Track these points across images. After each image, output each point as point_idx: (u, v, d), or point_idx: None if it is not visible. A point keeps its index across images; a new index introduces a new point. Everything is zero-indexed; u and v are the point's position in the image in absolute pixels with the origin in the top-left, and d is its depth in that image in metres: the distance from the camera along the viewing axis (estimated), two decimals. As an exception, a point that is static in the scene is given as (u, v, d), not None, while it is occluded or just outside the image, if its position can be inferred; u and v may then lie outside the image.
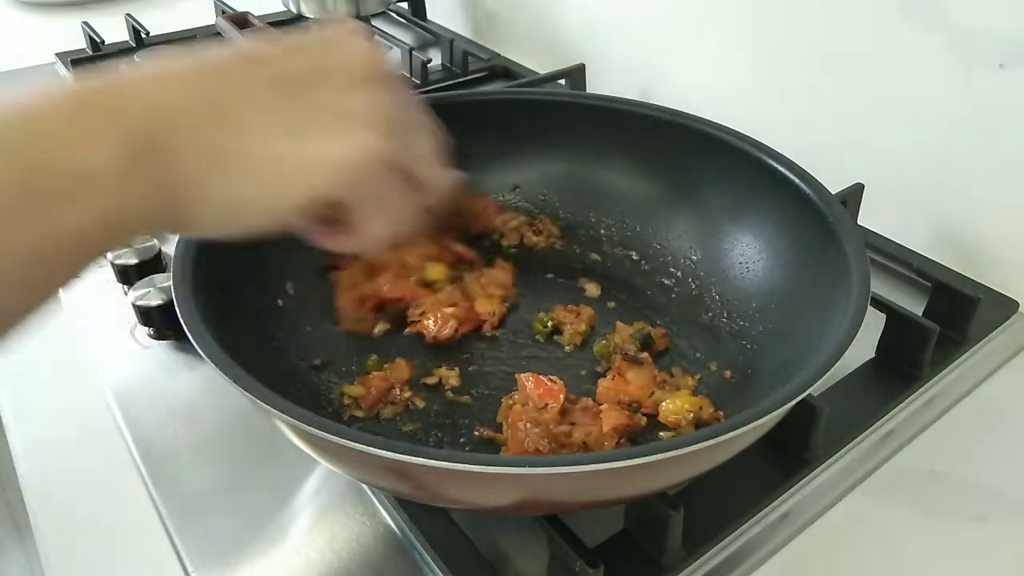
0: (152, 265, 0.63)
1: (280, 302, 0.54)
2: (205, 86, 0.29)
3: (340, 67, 0.32)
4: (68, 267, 0.27)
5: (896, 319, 0.55)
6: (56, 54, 1.06)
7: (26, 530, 1.39)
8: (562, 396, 0.48)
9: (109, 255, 0.63)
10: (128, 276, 0.63)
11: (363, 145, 0.31)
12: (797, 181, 0.52)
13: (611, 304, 0.59)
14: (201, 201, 0.29)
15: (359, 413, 0.50)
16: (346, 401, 0.51)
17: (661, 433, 0.49)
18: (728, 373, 0.53)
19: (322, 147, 0.30)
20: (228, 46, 0.32)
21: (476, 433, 0.49)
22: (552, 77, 0.90)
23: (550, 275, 0.62)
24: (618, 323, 0.56)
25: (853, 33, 0.68)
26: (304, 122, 0.30)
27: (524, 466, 0.35)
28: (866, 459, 0.51)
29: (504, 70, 1.01)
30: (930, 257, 0.66)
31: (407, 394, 0.51)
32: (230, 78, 0.30)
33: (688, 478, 0.42)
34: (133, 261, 0.63)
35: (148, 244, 0.64)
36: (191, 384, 0.56)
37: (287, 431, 0.38)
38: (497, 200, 0.66)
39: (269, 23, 0.84)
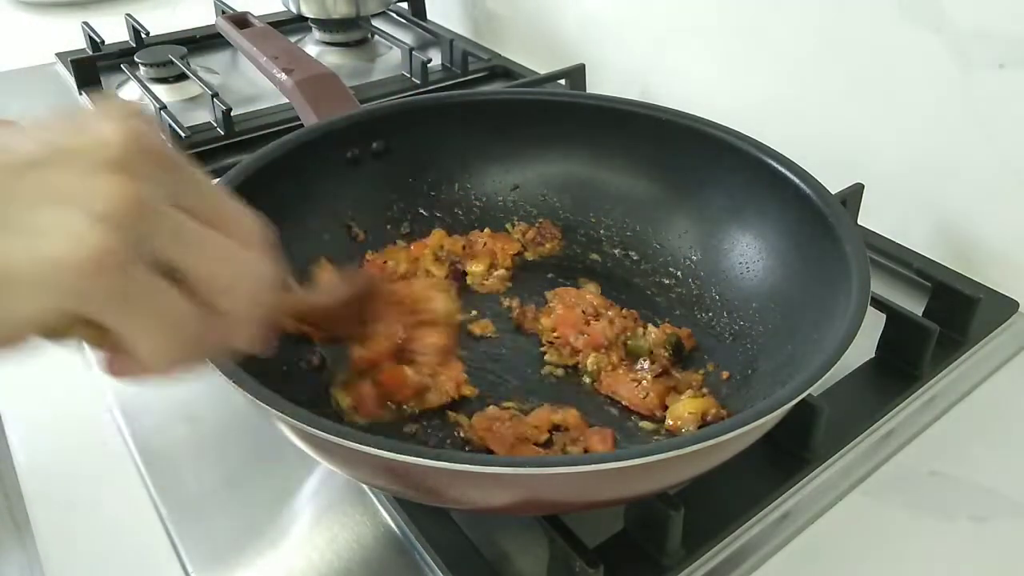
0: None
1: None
2: None
3: (80, 149, 0.25)
4: None
5: (896, 319, 0.55)
6: (56, 54, 1.06)
7: (26, 530, 1.39)
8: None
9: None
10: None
11: (85, 243, 0.23)
12: (797, 181, 0.52)
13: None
14: None
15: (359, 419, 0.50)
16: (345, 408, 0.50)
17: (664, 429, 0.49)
18: (728, 373, 0.53)
19: (36, 247, 0.23)
20: None
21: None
22: (552, 77, 0.90)
23: (550, 275, 0.62)
24: (650, 327, 0.55)
25: (853, 33, 0.68)
26: (19, 216, 0.24)
27: (524, 466, 0.35)
28: (866, 459, 0.51)
29: (504, 70, 1.01)
30: (930, 257, 0.66)
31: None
32: None
33: (688, 478, 0.42)
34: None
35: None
36: (191, 384, 0.56)
37: (287, 431, 0.38)
38: (497, 201, 0.66)
39: (269, 23, 0.83)
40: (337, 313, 0.45)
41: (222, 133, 0.85)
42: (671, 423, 0.49)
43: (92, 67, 0.97)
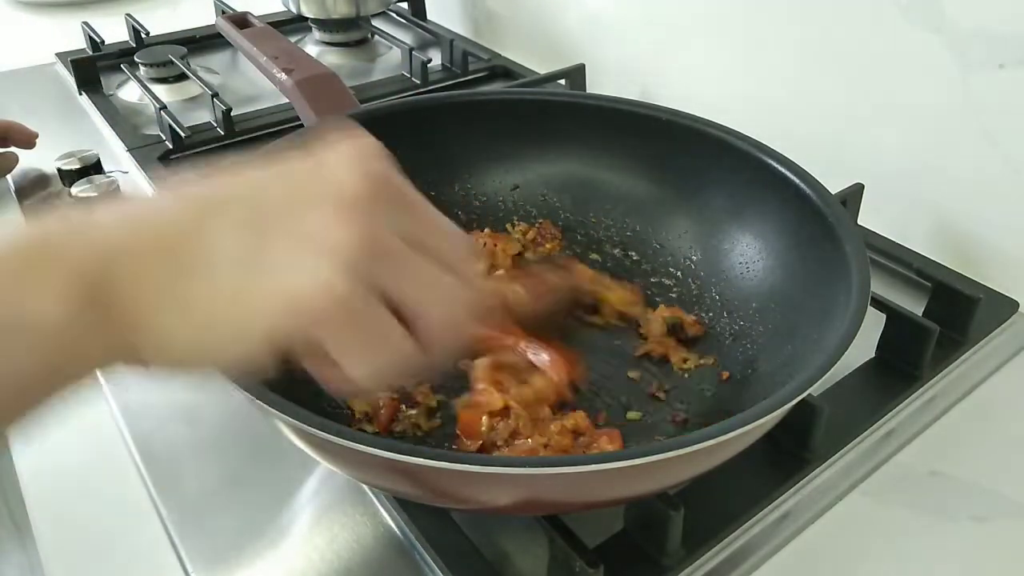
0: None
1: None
2: (159, 225, 0.28)
3: (321, 194, 0.29)
4: (11, 410, 0.28)
5: (896, 319, 0.55)
6: (56, 54, 1.06)
7: (26, 530, 1.39)
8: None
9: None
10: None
11: (320, 281, 0.27)
12: (797, 181, 0.52)
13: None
14: (154, 343, 0.28)
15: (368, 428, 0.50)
16: (356, 415, 0.50)
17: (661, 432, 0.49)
18: (728, 373, 0.53)
19: (276, 282, 0.28)
20: (210, 178, 0.30)
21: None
22: (552, 77, 0.90)
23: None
24: (662, 306, 0.57)
25: (853, 33, 0.68)
26: (264, 256, 0.28)
27: (524, 466, 0.35)
28: (866, 459, 0.51)
29: (504, 70, 1.01)
30: (930, 257, 0.66)
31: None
32: (198, 218, 0.28)
33: (688, 478, 0.42)
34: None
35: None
36: (191, 384, 0.56)
37: (287, 431, 0.38)
38: (497, 201, 0.66)
39: (269, 23, 0.83)
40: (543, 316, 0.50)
41: (222, 133, 0.85)
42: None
43: (92, 67, 0.97)
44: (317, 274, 0.27)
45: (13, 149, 0.79)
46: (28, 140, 0.80)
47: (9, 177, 0.79)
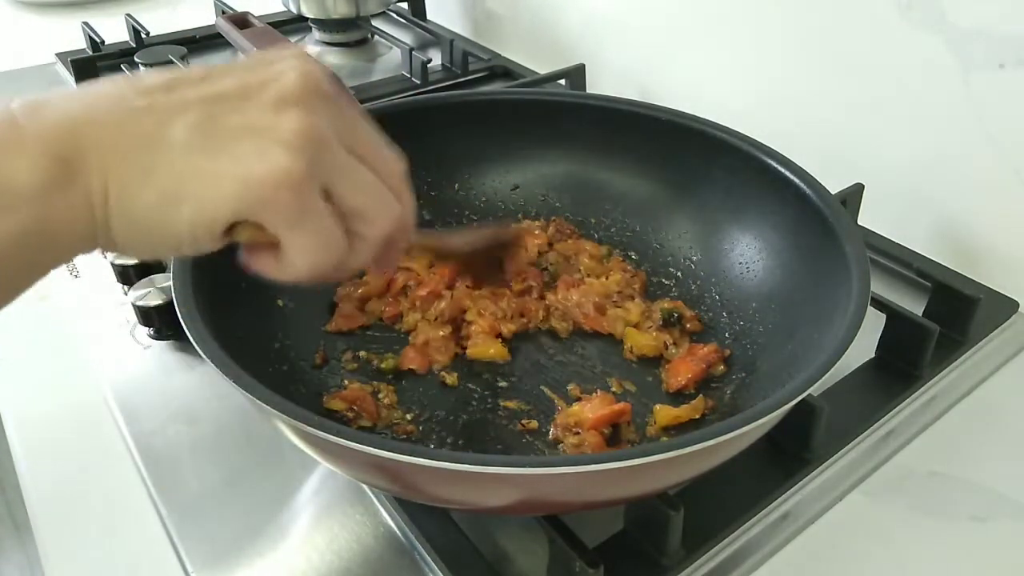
0: (152, 265, 0.63)
1: (280, 302, 0.54)
2: (128, 107, 0.29)
3: (270, 86, 0.31)
4: None
5: (896, 319, 0.55)
6: (56, 54, 1.06)
7: (26, 530, 1.39)
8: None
9: (110, 256, 0.63)
10: (128, 276, 0.63)
11: (275, 164, 0.29)
12: (797, 181, 0.52)
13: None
14: (120, 219, 0.29)
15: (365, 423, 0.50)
16: (349, 415, 0.50)
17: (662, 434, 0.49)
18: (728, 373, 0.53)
19: (233, 165, 0.29)
20: (163, 71, 0.32)
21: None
22: (552, 77, 0.90)
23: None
24: (667, 302, 0.58)
25: (853, 33, 0.68)
26: (222, 140, 0.29)
27: (524, 466, 0.35)
28: (866, 459, 0.51)
29: (504, 70, 1.01)
30: (930, 257, 0.66)
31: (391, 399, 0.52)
32: (154, 97, 0.30)
33: (688, 478, 0.42)
34: (133, 261, 0.63)
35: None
36: (191, 384, 0.56)
37: (287, 431, 0.38)
38: (497, 201, 0.66)
39: (269, 23, 0.83)
40: (473, 259, 0.52)
41: (222, 133, 0.84)
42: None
43: (92, 67, 0.97)
44: (274, 159, 0.29)
45: None
46: None
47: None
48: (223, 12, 1.05)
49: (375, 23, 1.10)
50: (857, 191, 0.65)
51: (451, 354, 0.55)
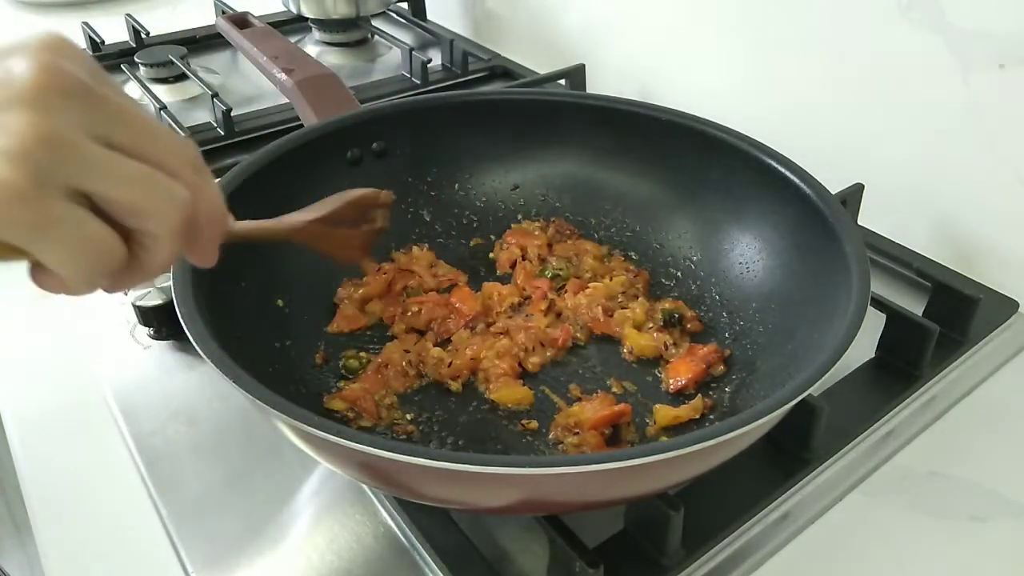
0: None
1: (280, 302, 0.54)
2: None
3: None
4: None
5: (896, 319, 0.55)
6: (56, 54, 1.06)
7: (26, 530, 1.39)
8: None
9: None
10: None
11: None
12: (797, 181, 0.52)
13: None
14: None
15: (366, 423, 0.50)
16: (350, 415, 0.50)
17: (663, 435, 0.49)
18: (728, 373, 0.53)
19: None
20: None
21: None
22: (552, 77, 0.90)
23: (550, 275, 0.62)
24: (668, 303, 0.58)
25: (853, 33, 0.68)
26: None
27: (524, 466, 0.35)
28: (866, 459, 0.51)
29: (504, 70, 1.01)
30: (930, 257, 0.66)
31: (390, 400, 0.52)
32: None
33: (688, 478, 0.42)
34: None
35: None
36: (191, 384, 0.56)
37: (287, 431, 0.38)
38: (498, 202, 0.66)
39: (269, 23, 0.83)
40: (326, 234, 0.47)
41: (222, 133, 0.85)
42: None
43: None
44: None
45: None
46: None
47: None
48: (223, 12, 1.05)
49: (375, 23, 1.10)
50: (857, 191, 0.65)
51: (409, 383, 0.53)
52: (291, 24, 1.11)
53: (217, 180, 0.51)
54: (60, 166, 0.27)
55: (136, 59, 0.96)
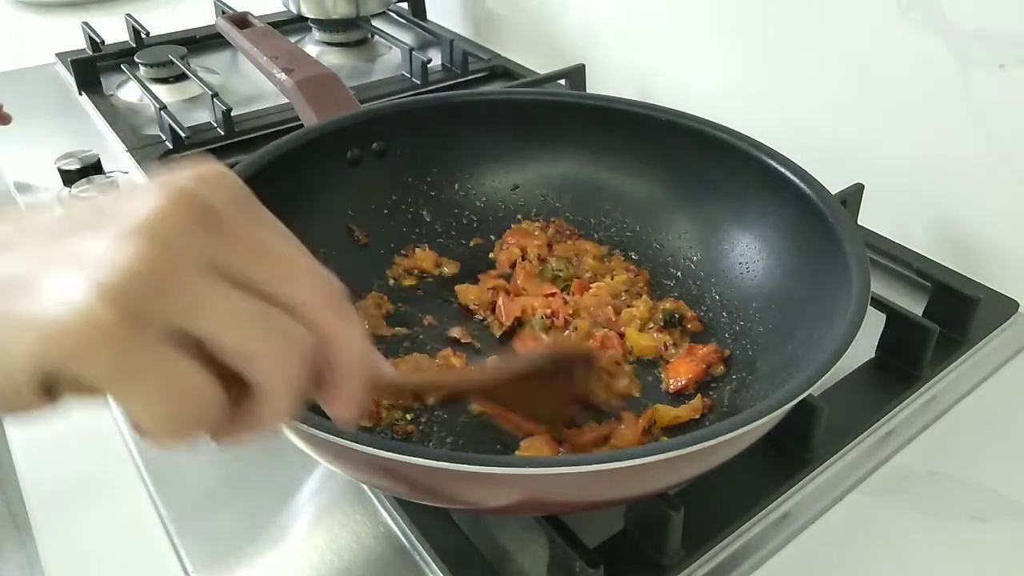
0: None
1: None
2: None
3: (124, 210, 0.24)
4: None
5: (896, 319, 0.55)
6: (56, 54, 1.06)
7: (26, 530, 1.38)
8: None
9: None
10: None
11: (77, 310, 0.22)
12: (797, 181, 0.52)
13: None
14: None
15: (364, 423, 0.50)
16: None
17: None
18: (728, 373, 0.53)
19: (33, 308, 0.23)
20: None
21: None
22: (552, 77, 0.90)
23: (550, 275, 0.62)
24: (669, 302, 0.58)
25: (853, 33, 0.68)
26: (35, 276, 0.23)
27: (524, 466, 0.35)
28: (866, 459, 0.51)
29: (504, 70, 1.01)
30: (930, 257, 0.66)
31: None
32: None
33: (688, 478, 0.42)
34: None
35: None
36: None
37: (287, 431, 0.38)
38: (498, 202, 0.66)
39: (269, 23, 0.83)
40: (516, 395, 0.40)
41: (222, 133, 0.85)
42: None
43: (92, 67, 0.97)
44: (73, 298, 0.22)
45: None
46: (3, 119, 0.79)
47: (9, 177, 0.79)
48: (223, 12, 1.05)
49: (375, 23, 1.10)
50: (857, 191, 0.65)
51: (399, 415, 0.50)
52: (291, 24, 1.11)
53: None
54: (162, 305, 0.23)
55: (136, 59, 0.96)
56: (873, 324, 0.52)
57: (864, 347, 0.56)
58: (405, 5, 1.16)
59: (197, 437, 0.26)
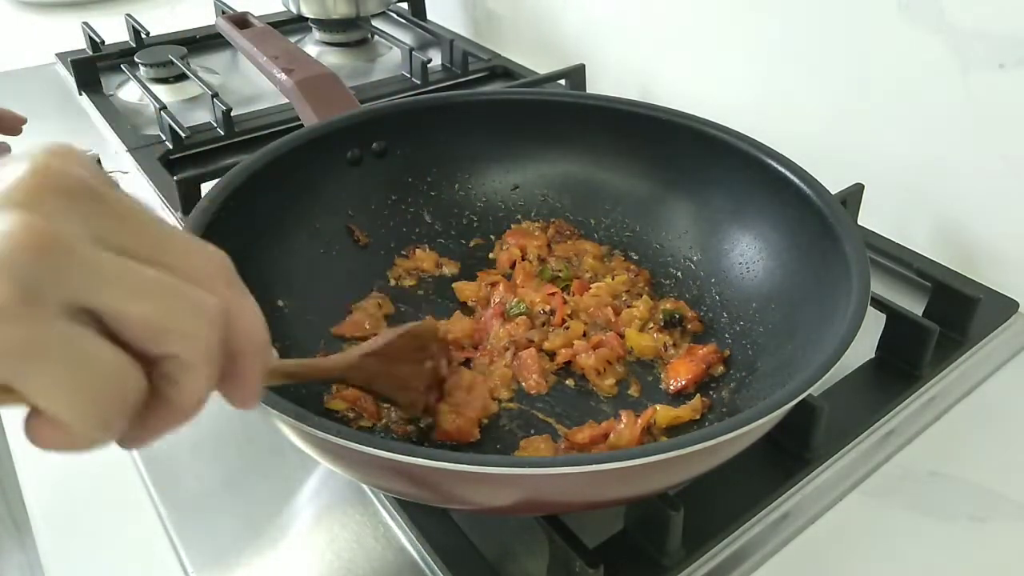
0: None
1: (281, 303, 0.54)
2: None
3: None
4: None
5: (896, 319, 0.55)
6: (56, 54, 1.06)
7: (26, 530, 1.39)
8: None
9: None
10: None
11: None
12: (797, 181, 0.52)
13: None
14: None
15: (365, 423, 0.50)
16: (350, 415, 0.50)
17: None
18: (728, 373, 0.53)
19: None
20: None
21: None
22: (552, 77, 0.90)
23: (550, 275, 0.62)
24: (670, 303, 0.58)
25: (853, 33, 0.68)
26: None
27: (524, 466, 0.35)
28: (866, 459, 0.51)
29: (504, 70, 1.01)
30: (930, 257, 0.66)
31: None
32: None
33: (688, 478, 0.42)
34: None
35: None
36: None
37: (287, 431, 0.38)
38: (498, 202, 0.66)
39: (269, 23, 0.83)
40: (380, 373, 0.42)
41: (222, 133, 0.85)
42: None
43: (92, 67, 0.97)
44: None
45: (4, 138, 0.78)
46: (15, 127, 0.79)
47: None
48: (223, 12, 1.05)
49: (375, 23, 1.10)
50: (857, 191, 0.65)
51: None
52: (291, 24, 1.11)
53: (217, 180, 0.52)
54: (57, 276, 0.21)
55: (136, 59, 0.96)
56: (873, 324, 0.52)
57: (864, 347, 0.56)
58: (405, 5, 1.16)
59: (116, 430, 0.24)
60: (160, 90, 0.93)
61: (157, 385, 0.24)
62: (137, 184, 0.78)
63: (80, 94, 0.96)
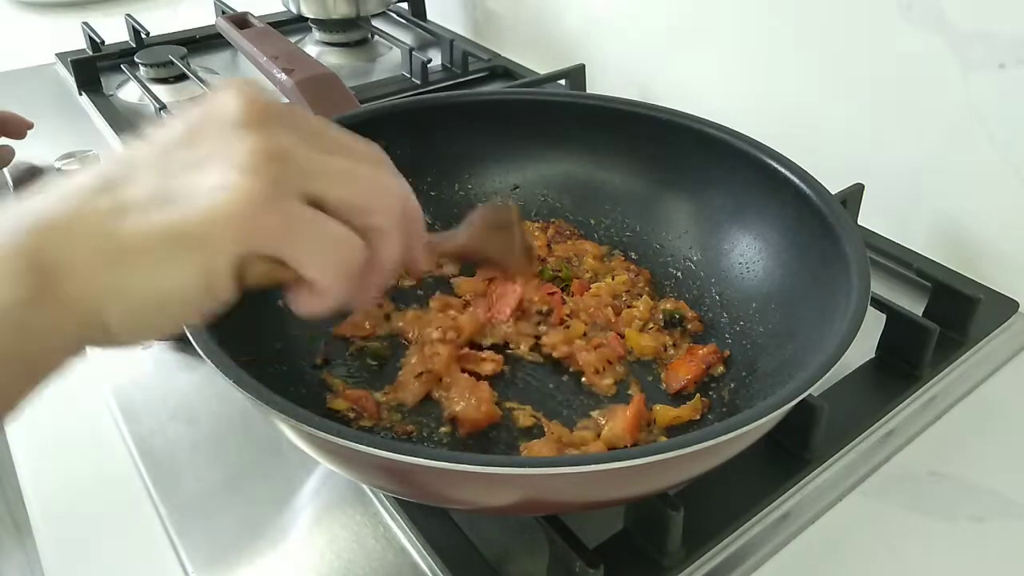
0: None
1: (281, 303, 0.54)
2: (91, 207, 0.28)
3: (212, 119, 0.29)
4: None
5: (896, 319, 0.55)
6: (56, 54, 1.06)
7: (26, 530, 1.38)
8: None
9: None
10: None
11: (239, 191, 0.27)
12: (797, 181, 0.52)
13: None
14: (106, 311, 0.27)
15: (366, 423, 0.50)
16: (351, 415, 0.50)
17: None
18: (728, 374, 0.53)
19: (200, 207, 0.27)
20: (115, 152, 0.30)
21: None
22: (552, 77, 0.90)
23: (550, 275, 0.62)
24: (670, 303, 0.58)
25: (853, 33, 0.68)
26: (177, 187, 0.28)
27: (524, 466, 0.35)
28: (866, 459, 0.51)
29: (504, 70, 1.01)
30: (930, 257, 0.66)
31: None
32: (114, 189, 0.28)
33: (688, 478, 0.42)
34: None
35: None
36: (191, 384, 0.56)
37: (287, 431, 0.38)
38: (497, 202, 0.66)
39: (269, 23, 0.83)
40: (485, 247, 0.49)
41: (222, 133, 0.84)
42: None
43: (92, 67, 0.97)
44: (235, 186, 0.27)
45: (8, 141, 0.79)
46: (21, 131, 0.79)
47: (7, 173, 0.79)
48: (223, 12, 1.05)
49: (375, 23, 1.10)
50: (857, 191, 0.65)
51: (417, 396, 0.51)
52: (291, 24, 1.12)
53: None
54: (290, 175, 0.29)
55: (136, 59, 0.96)
56: (873, 324, 0.52)
57: (864, 347, 0.56)
58: (405, 5, 1.16)
59: (350, 287, 0.31)
60: (160, 90, 0.93)
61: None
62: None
63: (80, 94, 0.96)
